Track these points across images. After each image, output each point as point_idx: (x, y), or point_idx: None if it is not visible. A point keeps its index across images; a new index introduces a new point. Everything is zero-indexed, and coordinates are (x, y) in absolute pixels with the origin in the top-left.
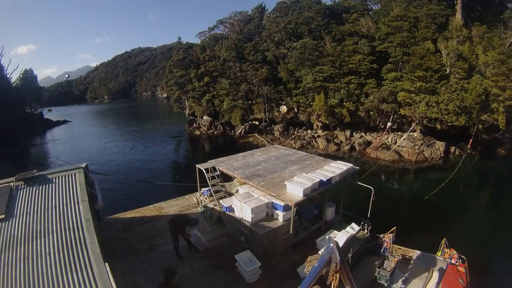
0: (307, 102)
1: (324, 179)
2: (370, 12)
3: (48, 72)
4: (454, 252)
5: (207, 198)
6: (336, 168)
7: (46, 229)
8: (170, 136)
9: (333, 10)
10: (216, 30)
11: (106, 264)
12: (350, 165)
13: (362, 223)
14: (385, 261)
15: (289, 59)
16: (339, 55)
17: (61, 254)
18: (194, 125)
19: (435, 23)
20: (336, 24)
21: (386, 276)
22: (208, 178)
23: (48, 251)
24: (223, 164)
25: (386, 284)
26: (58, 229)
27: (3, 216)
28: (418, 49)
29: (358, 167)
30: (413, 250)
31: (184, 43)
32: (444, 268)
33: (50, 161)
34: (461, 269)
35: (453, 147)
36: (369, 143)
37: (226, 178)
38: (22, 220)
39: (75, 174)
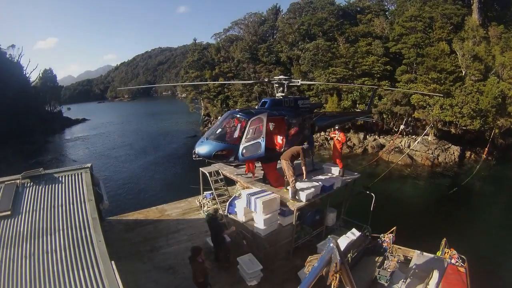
0: None
1: (327, 185)
2: (386, 13)
3: (69, 70)
4: (454, 252)
5: (210, 202)
6: (338, 174)
7: (52, 227)
8: (185, 137)
9: (346, 10)
10: (231, 31)
11: (113, 262)
12: (352, 172)
13: (363, 228)
14: (385, 261)
15: (302, 61)
16: (352, 57)
17: (67, 251)
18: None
19: (450, 23)
20: (350, 25)
21: (386, 276)
22: (211, 181)
23: (54, 248)
24: (227, 168)
25: (386, 284)
26: (65, 227)
27: (8, 212)
28: (433, 50)
29: (359, 174)
30: (413, 250)
31: (201, 43)
32: (444, 268)
33: (65, 158)
34: (462, 269)
35: (469, 152)
36: (382, 146)
37: (229, 182)
38: (28, 217)
39: (81, 174)
